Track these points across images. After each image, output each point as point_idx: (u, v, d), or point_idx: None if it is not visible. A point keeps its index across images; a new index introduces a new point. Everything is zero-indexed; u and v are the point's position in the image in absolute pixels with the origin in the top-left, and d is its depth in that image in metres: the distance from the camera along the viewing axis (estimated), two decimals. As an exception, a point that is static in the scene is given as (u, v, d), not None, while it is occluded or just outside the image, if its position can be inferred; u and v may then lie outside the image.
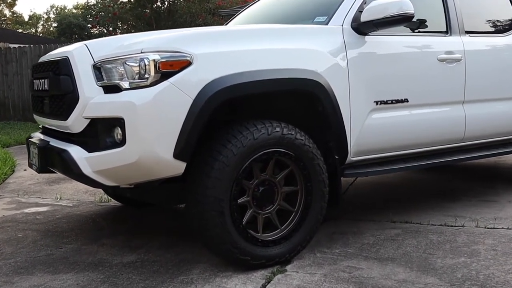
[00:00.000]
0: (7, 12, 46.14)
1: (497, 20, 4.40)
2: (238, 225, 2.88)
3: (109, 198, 4.65)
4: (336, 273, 2.91)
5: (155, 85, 2.71)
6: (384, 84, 3.46)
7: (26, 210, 4.46)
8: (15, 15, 49.41)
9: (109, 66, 2.84)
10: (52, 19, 55.36)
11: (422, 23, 3.84)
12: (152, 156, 2.70)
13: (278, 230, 3.06)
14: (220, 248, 2.89)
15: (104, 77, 2.84)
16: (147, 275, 2.95)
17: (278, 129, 2.94)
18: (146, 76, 2.74)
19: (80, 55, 2.93)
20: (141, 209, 4.34)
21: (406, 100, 3.56)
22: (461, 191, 4.78)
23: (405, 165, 3.62)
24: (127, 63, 2.78)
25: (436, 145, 3.83)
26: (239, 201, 2.90)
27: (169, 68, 2.73)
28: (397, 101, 3.52)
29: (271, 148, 2.92)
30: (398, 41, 3.58)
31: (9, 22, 46.16)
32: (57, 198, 4.87)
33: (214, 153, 2.82)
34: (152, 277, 2.91)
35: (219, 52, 2.85)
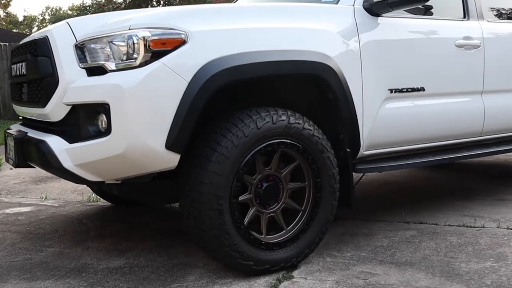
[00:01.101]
0: (1, 12, 45.69)
1: (516, 6, 4.08)
2: (239, 226, 2.53)
3: (98, 197, 4.29)
4: (350, 280, 2.56)
5: (144, 65, 2.36)
6: (399, 71, 3.12)
7: (8, 211, 4.09)
8: (9, 16, 48.92)
9: (93, 45, 2.48)
10: (47, 20, 54.91)
11: (438, 6, 3.50)
12: (141, 147, 2.35)
13: (284, 231, 2.72)
14: (218, 252, 2.53)
15: (88, 58, 2.49)
16: (136, 282, 2.59)
17: (284, 117, 2.59)
18: (135, 56, 2.39)
19: (61, 34, 2.57)
20: (133, 209, 3.98)
21: (423, 89, 3.23)
22: (474, 189, 4.44)
23: (421, 160, 3.29)
24: (113, 42, 2.43)
25: (453, 139, 3.49)
26: (240, 198, 2.56)
27: (161, 46, 2.38)
28: (413, 90, 3.19)
29: (276, 138, 2.57)
30: (413, 24, 3.25)
31: (3, 23, 45.67)
32: (42, 198, 4.51)
33: (212, 144, 2.47)
34: (141, 285, 2.56)
35: (218, 30, 2.50)
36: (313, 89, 2.86)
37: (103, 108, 2.38)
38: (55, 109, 2.53)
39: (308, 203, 2.75)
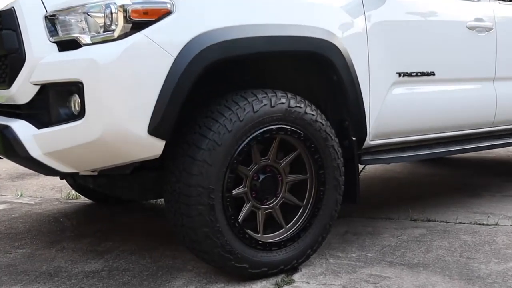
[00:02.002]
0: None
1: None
2: (233, 224, 2.20)
3: (78, 195, 3.94)
4: (358, 284, 2.25)
5: (124, 38, 2.03)
6: (408, 53, 2.82)
7: (-22, 209, 3.73)
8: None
9: (66, 17, 2.14)
10: None
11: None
12: (119, 132, 2.02)
13: (283, 229, 2.39)
14: (209, 253, 2.20)
15: (59, 31, 2.15)
16: (114, 287, 2.27)
17: (283, 100, 2.27)
18: (113, 27, 2.06)
19: (29, 4, 2.22)
20: (115, 207, 3.64)
21: (432, 73, 2.93)
22: (480, 186, 4.15)
23: (430, 151, 2.98)
24: (89, 12, 2.10)
25: (463, 129, 3.19)
26: (234, 192, 2.23)
27: (143, 17, 2.05)
28: (422, 74, 2.88)
29: (274, 124, 2.25)
30: (423, 3, 2.94)
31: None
32: (17, 195, 4.14)
33: (203, 129, 2.15)
34: (121, 291, 2.23)
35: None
36: (315, 70, 2.54)
37: (76, 88, 2.05)
38: (22, 89, 2.18)
39: (310, 198, 2.43)
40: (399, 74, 2.77)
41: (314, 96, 2.57)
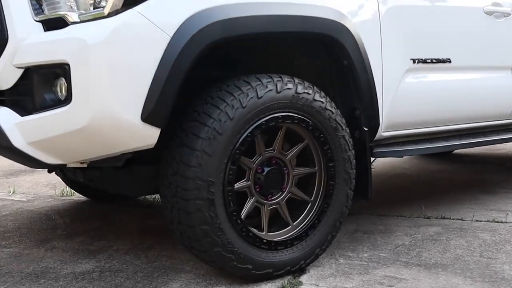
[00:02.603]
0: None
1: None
2: (235, 220, 2.00)
3: (73, 191, 3.74)
4: (372, 287, 2.04)
5: (115, 15, 1.83)
6: (423, 38, 2.61)
7: (-33, 206, 3.53)
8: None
9: (52, -6, 1.95)
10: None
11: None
12: (109, 119, 1.82)
13: (290, 227, 2.19)
14: (209, 253, 2.00)
15: (45, 9, 1.95)
16: (106, 291, 2.07)
17: (290, 85, 2.07)
18: (103, 3, 1.86)
19: (12, -20, 2.04)
20: (111, 204, 3.44)
21: (448, 60, 2.72)
22: (494, 182, 3.94)
23: (445, 143, 2.77)
24: (77, -12, 1.91)
25: (479, 121, 2.98)
26: (236, 186, 2.03)
27: (136, -8, 1.86)
28: (438, 61, 2.68)
29: (280, 111, 2.05)
30: (438, -15, 2.75)
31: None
32: (10, 192, 3.93)
33: (202, 116, 1.94)
34: (113, 294, 2.03)
35: (209, -26, 1.98)
36: (325, 55, 2.34)
37: (62, 70, 1.84)
38: (4, 74, 1.97)
39: (318, 192, 2.23)
40: (414, 61, 2.56)
41: (322, 83, 2.37)
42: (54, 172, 3.21)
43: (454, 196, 3.49)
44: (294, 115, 2.08)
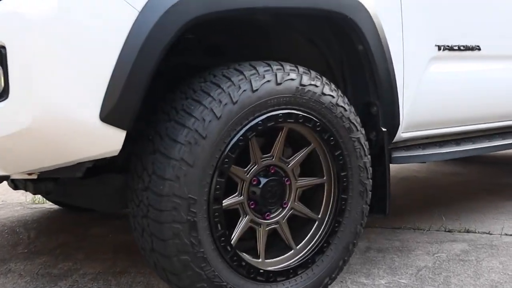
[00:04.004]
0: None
1: None
2: (224, 247, 1.55)
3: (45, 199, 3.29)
4: (397, 329, 1.61)
5: (65, -17, 1.39)
6: (450, 21, 2.17)
7: None
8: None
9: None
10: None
11: None
12: (57, 118, 1.37)
13: (292, 252, 1.74)
14: (191, 288, 1.56)
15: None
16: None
17: (293, 75, 1.62)
18: (50, -32, 1.41)
19: None
20: (87, 214, 2.98)
21: (478, 48, 2.27)
22: (514, 187, 3.53)
23: (474, 145, 2.33)
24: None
25: (509, 119, 2.56)
26: (225, 203, 1.58)
27: (92, -47, 1.40)
28: (466, 48, 2.23)
29: (281, 108, 1.60)
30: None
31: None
32: (-24, 199, 3.49)
33: (180, 114, 1.50)
34: None
35: None
36: (334, 39, 1.89)
37: (-3, 55, 1.40)
38: None
39: (327, 208, 1.78)
40: (439, 47, 2.12)
41: (331, 74, 1.94)
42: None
43: (475, 204, 3.06)
44: (298, 113, 1.64)
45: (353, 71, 1.92)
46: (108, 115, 1.38)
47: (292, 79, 1.61)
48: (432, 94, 2.12)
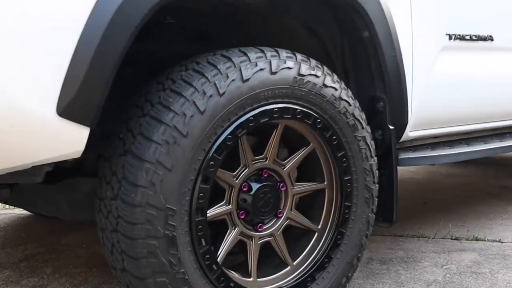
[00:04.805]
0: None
1: None
2: (209, 266, 1.30)
3: (17, 203, 3.00)
4: None
5: None
6: (461, 9, 1.95)
7: None
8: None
9: None
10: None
11: None
12: (5, 113, 1.11)
13: (289, 268, 1.50)
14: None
15: None
16: None
17: (290, 63, 1.38)
18: None
19: None
20: (61, 220, 2.71)
21: (490, 38, 2.05)
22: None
23: (487, 146, 2.11)
24: None
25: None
26: (210, 213, 1.34)
27: None
28: (478, 38, 2.01)
29: (276, 102, 1.36)
30: None
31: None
32: None
33: (156, 108, 1.24)
34: None
35: None
36: (334, 24, 1.65)
37: None
38: None
39: (329, 218, 1.54)
40: (450, 37, 1.89)
41: (330, 65, 1.69)
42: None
43: (481, 209, 2.84)
44: (296, 107, 1.39)
45: (356, 61, 1.68)
46: (67, 109, 1.13)
47: (289, 68, 1.37)
48: (443, 88, 1.89)
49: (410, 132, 1.85)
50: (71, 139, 1.16)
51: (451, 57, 1.91)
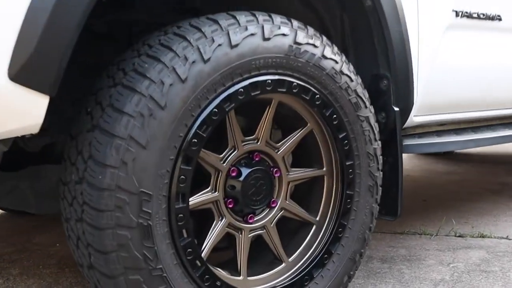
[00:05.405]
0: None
1: None
2: (191, 262, 1.11)
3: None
4: None
5: None
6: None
7: None
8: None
9: None
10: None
11: None
12: None
13: (284, 265, 1.31)
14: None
15: None
16: None
17: (286, 29, 1.20)
18: None
19: None
20: (36, 217, 2.50)
21: (498, 18, 1.89)
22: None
23: (495, 134, 1.95)
24: None
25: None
26: (192, 201, 1.15)
27: None
28: (486, 17, 1.85)
29: (269, 73, 1.17)
30: None
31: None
32: None
33: (129, 75, 1.06)
34: None
35: None
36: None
37: None
38: None
39: (328, 208, 1.36)
40: (457, 13, 1.73)
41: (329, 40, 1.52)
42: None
43: (482, 206, 2.68)
44: (292, 80, 1.21)
45: (357, 35, 1.51)
46: (21, 73, 0.94)
47: (283, 35, 1.19)
48: (449, 69, 1.73)
49: (415, 117, 1.68)
50: (26, 110, 0.97)
51: (457, 35, 1.74)
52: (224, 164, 1.20)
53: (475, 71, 1.85)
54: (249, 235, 1.27)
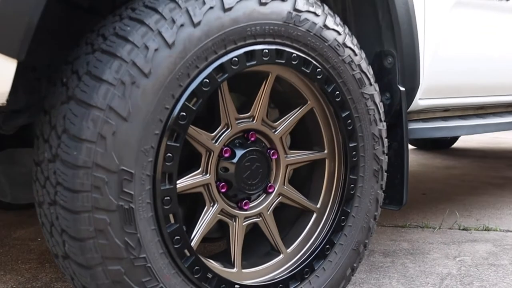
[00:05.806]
0: None
1: None
2: (179, 252, 0.99)
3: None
4: None
5: None
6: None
7: None
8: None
9: None
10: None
11: None
12: None
13: (282, 257, 1.19)
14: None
15: None
16: None
17: (284, -6, 1.09)
18: None
19: None
20: (22, 211, 2.36)
21: (506, -2, 1.80)
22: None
23: (503, 120, 1.84)
24: None
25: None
26: (180, 184, 1.04)
27: None
28: (493, -4, 1.76)
29: (266, 42, 1.05)
30: None
31: None
32: None
33: (110, 40, 0.93)
34: None
35: None
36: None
37: None
38: None
39: (330, 195, 1.25)
40: (464, -10, 1.63)
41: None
42: None
43: (484, 199, 2.58)
44: (292, 50, 1.10)
45: (360, 9, 1.40)
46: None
47: (282, 0, 1.07)
48: (454, 49, 1.62)
49: (420, 100, 1.57)
50: (-12, 76, 0.85)
51: (465, 14, 1.64)
52: (216, 144, 1.08)
53: (483, 52, 1.74)
54: (244, 223, 1.15)
